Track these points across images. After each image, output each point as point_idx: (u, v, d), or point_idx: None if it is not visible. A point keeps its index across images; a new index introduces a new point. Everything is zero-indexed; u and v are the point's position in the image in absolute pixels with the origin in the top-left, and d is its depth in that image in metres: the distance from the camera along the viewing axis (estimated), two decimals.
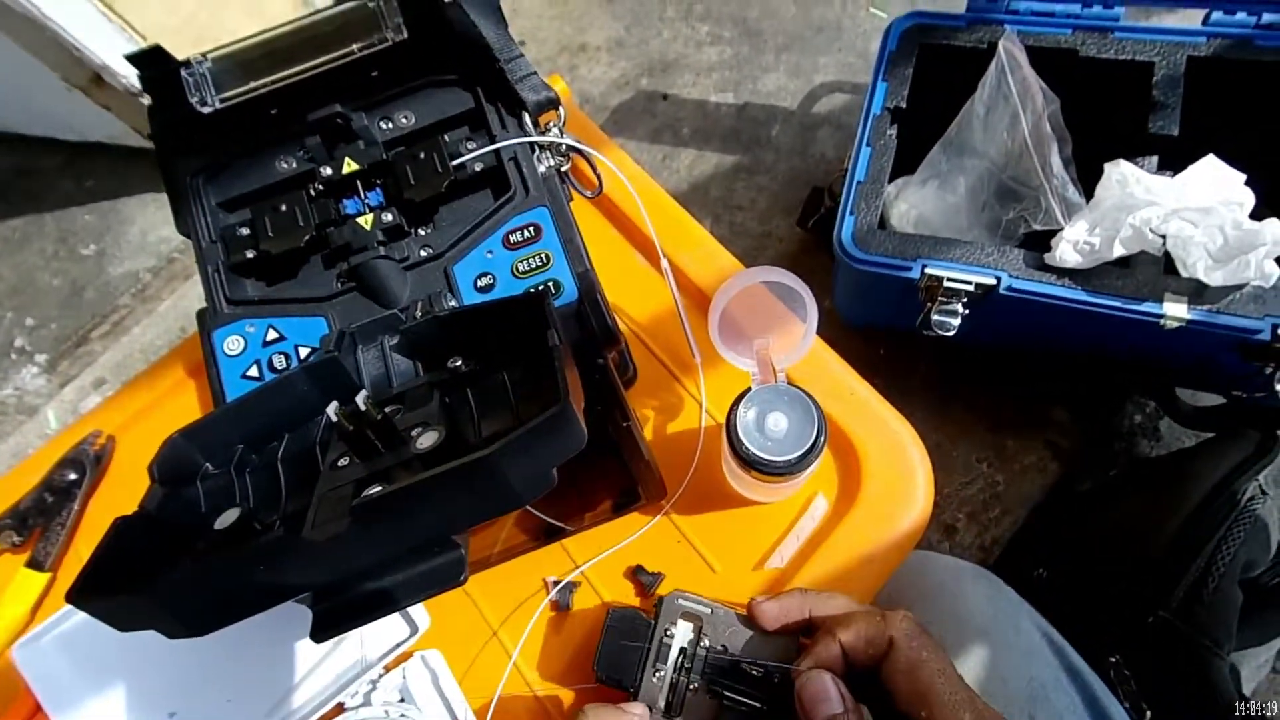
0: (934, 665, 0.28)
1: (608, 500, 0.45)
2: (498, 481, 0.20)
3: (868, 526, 0.40)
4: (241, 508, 0.22)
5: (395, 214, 0.32)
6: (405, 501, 0.19)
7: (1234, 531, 0.50)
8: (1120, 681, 0.50)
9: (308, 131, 0.32)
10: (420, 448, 0.21)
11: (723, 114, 1.01)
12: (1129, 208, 0.55)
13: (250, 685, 0.41)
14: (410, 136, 0.33)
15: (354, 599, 0.21)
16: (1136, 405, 0.81)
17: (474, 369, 0.27)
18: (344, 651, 0.41)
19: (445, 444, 0.22)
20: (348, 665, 0.41)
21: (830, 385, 0.44)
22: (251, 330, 0.31)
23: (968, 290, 0.60)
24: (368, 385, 0.28)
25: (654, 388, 0.48)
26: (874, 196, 0.65)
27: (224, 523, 0.21)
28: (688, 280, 0.48)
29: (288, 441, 0.27)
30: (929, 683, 0.27)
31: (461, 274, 0.32)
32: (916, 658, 0.28)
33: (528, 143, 0.33)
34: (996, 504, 0.77)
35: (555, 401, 0.20)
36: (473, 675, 0.42)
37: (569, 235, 0.32)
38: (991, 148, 0.65)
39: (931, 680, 0.27)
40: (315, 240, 0.32)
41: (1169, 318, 0.55)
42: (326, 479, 0.24)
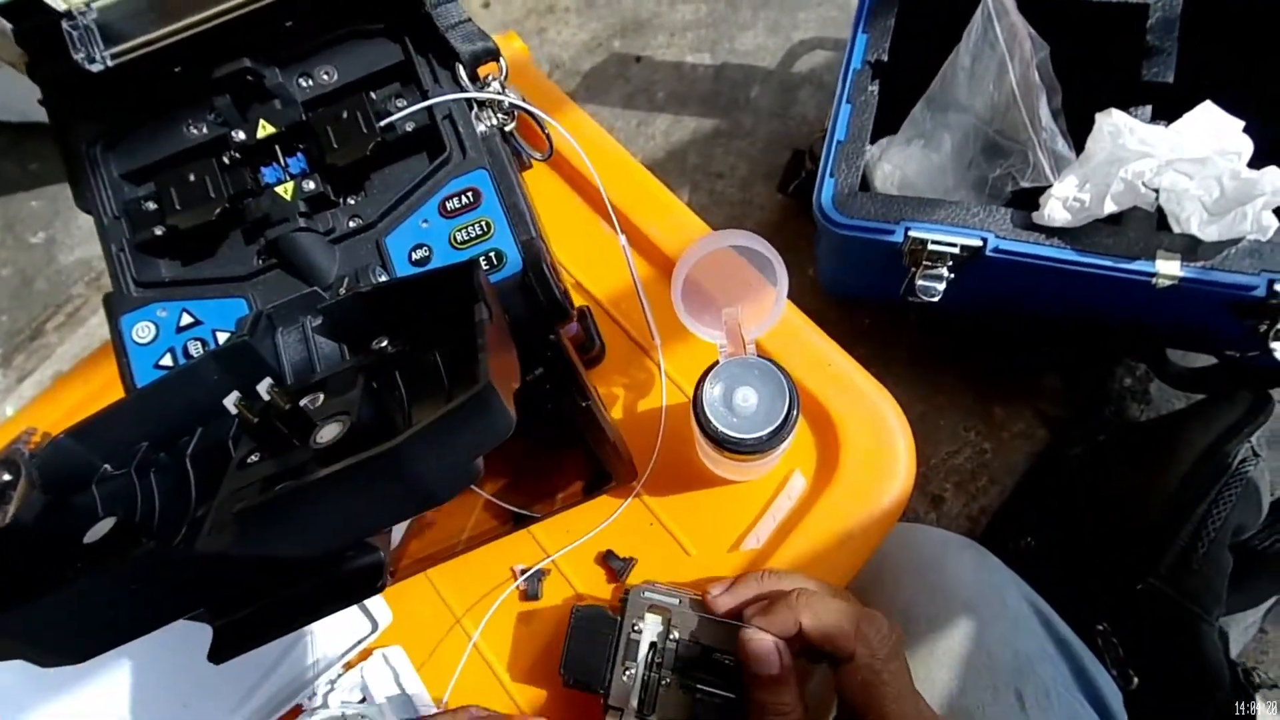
0: (891, 689, 0.27)
1: (577, 483, 0.43)
2: (407, 478, 0.17)
3: (847, 503, 0.39)
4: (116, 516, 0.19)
5: (319, 181, 0.29)
6: (299, 505, 0.17)
7: (1225, 495, 0.49)
8: (1108, 649, 0.49)
9: (216, 91, 0.29)
10: (320, 442, 0.18)
11: (699, 76, 0.96)
12: (1121, 160, 0.52)
13: (206, 690, 0.39)
14: (332, 95, 0.30)
15: (259, 612, 0.18)
16: (1126, 368, 0.79)
17: (402, 350, 0.24)
18: (302, 651, 0.39)
19: (357, 434, 0.19)
20: (306, 665, 0.39)
21: (806, 356, 0.41)
22: (163, 315, 0.28)
23: (953, 253, 0.57)
24: (288, 371, 0.26)
25: (624, 364, 0.45)
26: (855, 157, 0.61)
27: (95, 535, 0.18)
28: (655, 249, 0.46)
29: (199, 438, 0.24)
30: (880, 708, 0.27)
31: (394, 246, 0.29)
32: (874, 679, 0.27)
33: (463, 99, 0.30)
34: (984, 473, 0.76)
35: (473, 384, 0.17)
36: (439, 670, 0.40)
37: (512, 200, 0.29)
38: (977, 101, 0.62)
39: (883, 706, 0.27)
40: (229, 213, 0.29)
41: (1161, 276, 0.53)
42: (232, 478, 0.21)
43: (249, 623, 0.18)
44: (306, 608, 0.18)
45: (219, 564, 0.17)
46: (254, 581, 0.18)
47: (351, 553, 0.18)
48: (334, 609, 0.19)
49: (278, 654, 0.39)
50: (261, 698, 0.38)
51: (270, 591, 0.18)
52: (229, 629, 0.18)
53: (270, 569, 0.18)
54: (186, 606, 0.18)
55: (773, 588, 0.33)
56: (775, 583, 0.33)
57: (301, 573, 0.18)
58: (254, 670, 0.39)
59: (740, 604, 0.33)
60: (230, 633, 0.18)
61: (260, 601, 0.18)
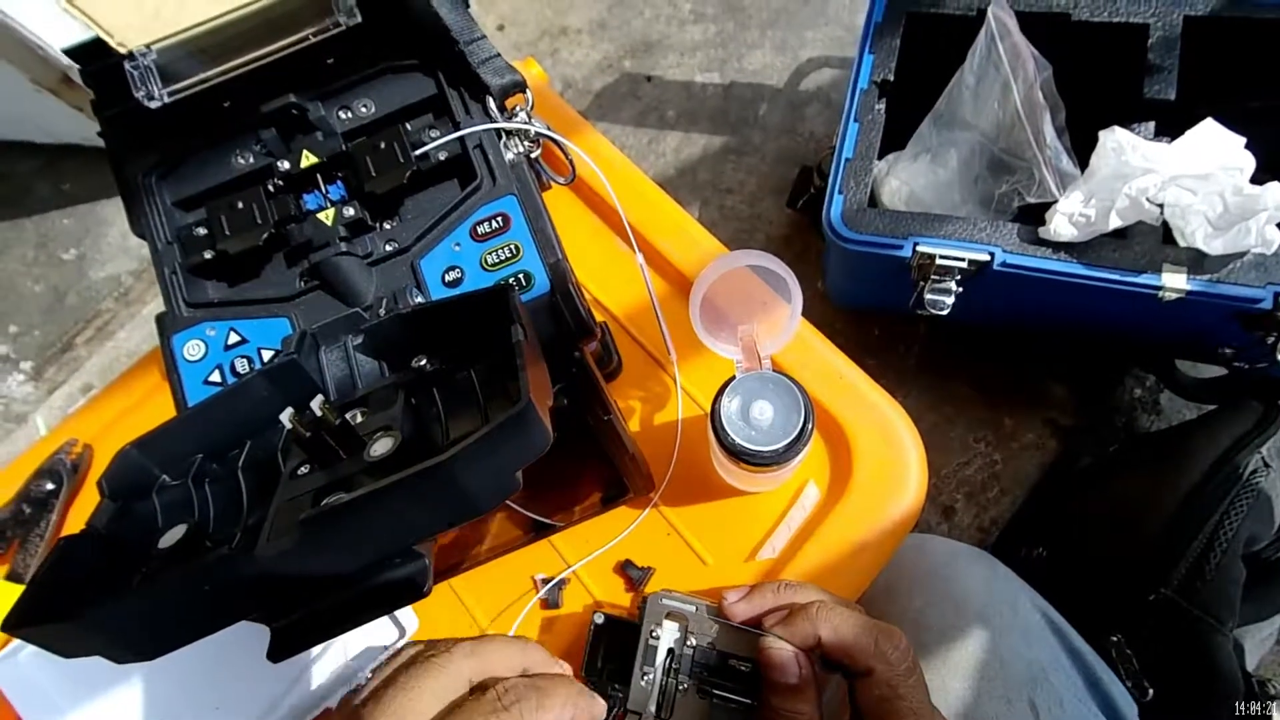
0: (909, 704, 0.27)
1: (595, 494, 0.44)
2: (454, 489, 0.18)
3: (860, 514, 0.39)
4: (188, 523, 0.21)
5: (357, 208, 0.31)
6: (356, 514, 0.18)
7: (1236, 506, 0.49)
8: (1122, 661, 0.49)
9: (262, 124, 0.31)
10: (373, 455, 0.20)
11: (708, 94, 0.98)
12: (1125, 176, 0.54)
13: (236, 693, 0.40)
14: (370, 126, 0.32)
15: (313, 615, 0.20)
16: (1136, 379, 0.80)
17: (440, 368, 0.26)
18: (331, 657, 0.41)
19: (405, 449, 0.20)
20: (335, 670, 0.40)
21: (819, 370, 0.42)
22: (212, 334, 0.30)
23: (961, 267, 0.59)
24: (331, 387, 0.27)
25: (640, 379, 0.47)
26: (863, 174, 0.63)
27: (169, 541, 0.20)
28: (670, 267, 0.47)
29: (249, 449, 0.26)
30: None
31: (428, 268, 0.31)
32: (892, 695, 0.27)
33: (493, 129, 0.32)
34: (995, 484, 0.77)
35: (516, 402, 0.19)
36: None
37: (539, 225, 0.31)
38: (982, 119, 0.64)
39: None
40: (275, 238, 0.30)
41: (1167, 289, 0.54)
42: (285, 488, 0.23)
43: (304, 624, 0.19)
44: (357, 610, 0.20)
45: (281, 568, 0.19)
46: (311, 585, 0.19)
47: (399, 559, 0.20)
48: (383, 612, 0.20)
49: (306, 660, 0.40)
50: (290, 703, 0.40)
51: (324, 595, 0.19)
52: (286, 630, 0.19)
53: (327, 573, 0.19)
54: (250, 608, 0.19)
55: (789, 599, 0.34)
56: (791, 594, 0.34)
57: (353, 577, 0.20)
58: (284, 675, 0.40)
59: (756, 613, 0.34)
60: (287, 634, 0.19)
61: (315, 604, 0.19)
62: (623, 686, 0.34)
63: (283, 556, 0.18)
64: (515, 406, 0.19)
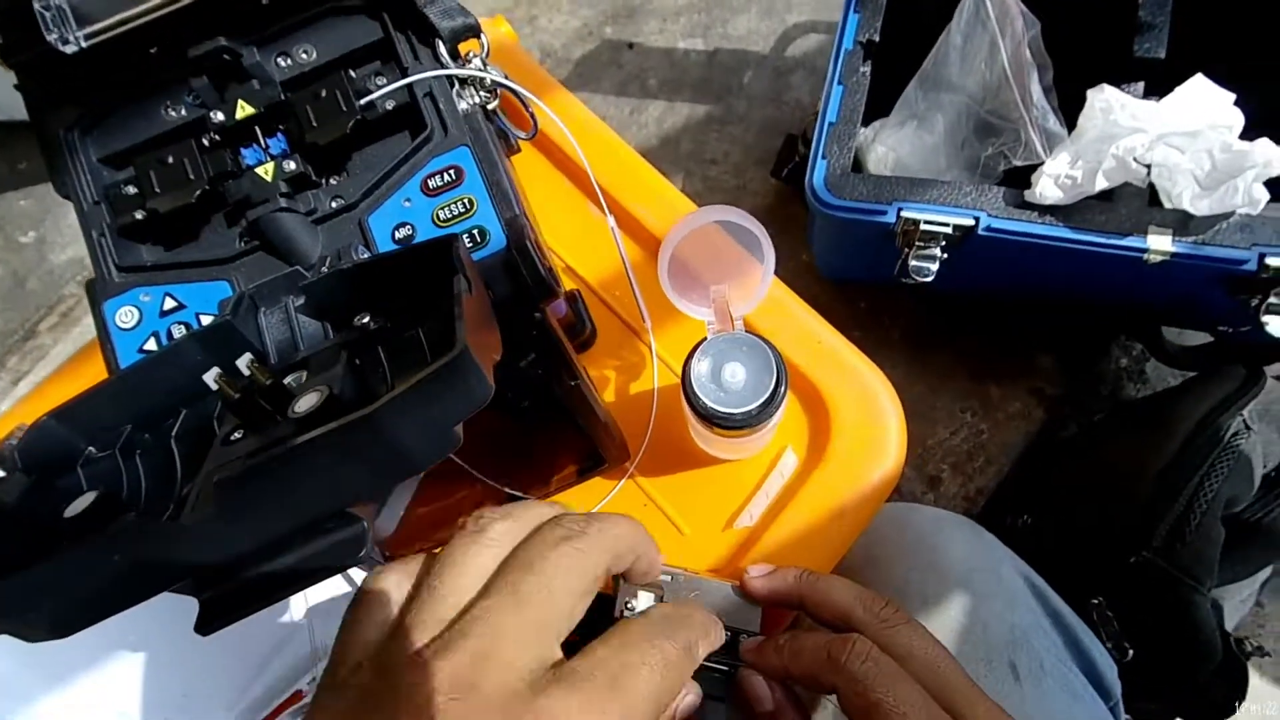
0: (887, 704, 0.25)
1: (571, 466, 0.43)
2: (385, 443, 0.17)
3: (838, 480, 0.39)
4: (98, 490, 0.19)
5: (299, 162, 0.29)
6: (277, 474, 0.17)
7: (1217, 468, 0.49)
8: (1103, 623, 0.49)
9: (193, 72, 0.29)
10: (298, 412, 0.18)
11: (692, 62, 0.96)
12: (1113, 137, 0.52)
13: (206, 678, 0.39)
14: (311, 74, 0.30)
15: (244, 584, 0.18)
16: (1122, 348, 0.79)
17: (384, 326, 0.24)
18: (302, 639, 0.40)
19: (334, 403, 0.19)
20: (306, 653, 0.39)
21: (796, 333, 0.41)
22: (146, 300, 0.28)
23: (946, 233, 0.57)
24: (272, 350, 0.26)
25: (615, 347, 0.45)
26: (847, 138, 0.61)
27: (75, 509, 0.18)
28: (644, 230, 0.45)
29: (184, 418, 0.24)
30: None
31: (377, 225, 0.29)
32: (865, 704, 0.25)
33: (444, 75, 0.30)
34: (981, 453, 0.76)
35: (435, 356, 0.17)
36: None
37: (495, 177, 0.29)
38: (969, 80, 0.62)
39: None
40: (210, 195, 0.28)
41: (1153, 252, 0.53)
42: (216, 455, 0.21)
43: (234, 594, 0.18)
44: (291, 578, 0.18)
45: (201, 535, 0.17)
46: (238, 552, 0.18)
47: (334, 523, 0.18)
48: (318, 579, 0.19)
49: (276, 641, 0.39)
50: (262, 685, 0.39)
51: (254, 563, 0.18)
52: (215, 601, 0.18)
53: (252, 539, 0.18)
54: (170, 579, 0.18)
55: (808, 590, 0.32)
56: (811, 585, 0.32)
57: (285, 543, 0.18)
58: (254, 657, 0.39)
59: (773, 593, 0.33)
60: (216, 605, 0.18)
61: (245, 573, 0.18)
62: None
63: (202, 524, 0.17)
64: (449, 353, 0.17)
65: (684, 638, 0.23)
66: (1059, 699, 0.40)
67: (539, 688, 0.19)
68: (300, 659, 0.37)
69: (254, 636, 0.38)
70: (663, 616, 0.24)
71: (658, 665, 0.21)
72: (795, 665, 0.29)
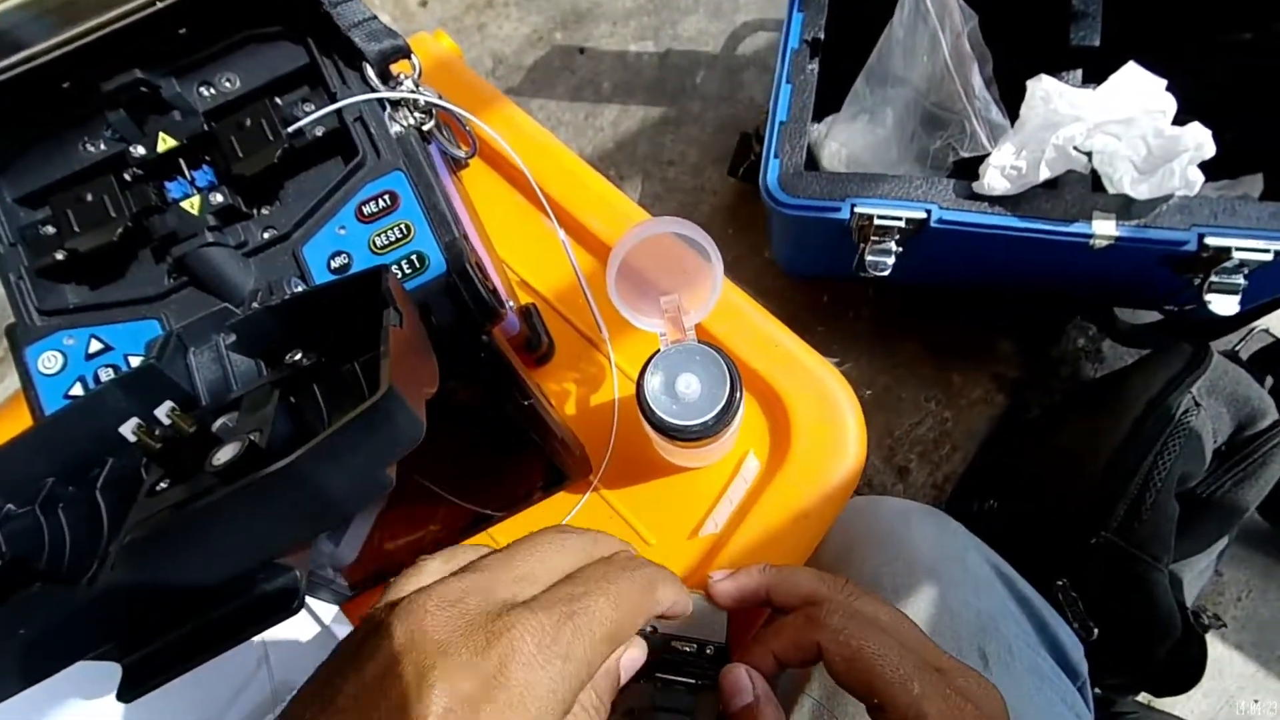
0: (869, 648, 0.26)
1: (535, 481, 0.43)
2: (309, 492, 0.17)
3: (800, 482, 0.39)
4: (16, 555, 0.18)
5: (227, 193, 0.28)
6: (193, 530, 0.16)
7: (1169, 446, 0.50)
8: (1068, 603, 0.50)
9: (109, 105, 0.28)
10: (217, 464, 0.18)
11: (644, 64, 0.96)
12: (1054, 125, 0.53)
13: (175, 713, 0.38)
14: (235, 102, 0.29)
15: (169, 646, 0.18)
16: (1079, 329, 0.81)
17: (319, 362, 0.24)
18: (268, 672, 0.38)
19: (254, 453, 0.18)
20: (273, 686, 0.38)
21: (752, 338, 0.41)
22: (70, 343, 0.27)
23: (899, 226, 0.58)
24: (203, 392, 0.25)
25: (574, 360, 0.45)
26: (798, 136, 0.61)
27: None
28: (596, 240, 0.45)
29: (110, 467, 0.23)
30: (869, 670, 0.26)
31: (312, 255, 0.28)
32: (848, 651, 0.26)
33: (373, 99, 0.29)
34: (947, 441, 0.78)
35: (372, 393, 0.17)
36: None
37: (432, 201, 0.29)
38: (914, 73, 0.63)
39: (871, 667, 0.26)
40: (133, 232, 0.27)
41: (1098, 236, 0.54)
42: (141, 507, 0.20)
43: (160, 656, 0.17)
44: (221, 634, 0.18)
45: (118, 599, 0.17)
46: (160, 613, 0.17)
47: (264, 574, 0.18)
48: (251, 633, 0.18)
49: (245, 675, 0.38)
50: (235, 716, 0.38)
51: (180, 621, 0.17)
52: (139, 665, 0.17)
53: (174, 599, 0.17)
54: (89, 646, 0.17)
55: (774, 581, 0.32)
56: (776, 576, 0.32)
57: (212, 599, 0.18)
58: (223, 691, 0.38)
59: (742, 593, 0.33)
60: (140, 669, 0.17)
61: (170, 632, 0.17)
62: None
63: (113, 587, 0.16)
64: (373, 396, 0.17)
65: (643, 578, 0.25)
66: (1028, 683, 0.41)
67: (507, 609, 0.21)
68: (260, 702, 0.36)
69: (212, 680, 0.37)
70: (627, 558, 0.26)
71: (612, 596, 0.23)
72: (777, 640, 0.29)
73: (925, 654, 0.27)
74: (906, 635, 0.28)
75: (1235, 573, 0.71)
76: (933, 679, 0.26)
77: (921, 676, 0.26)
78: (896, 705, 0.25)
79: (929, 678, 0.26)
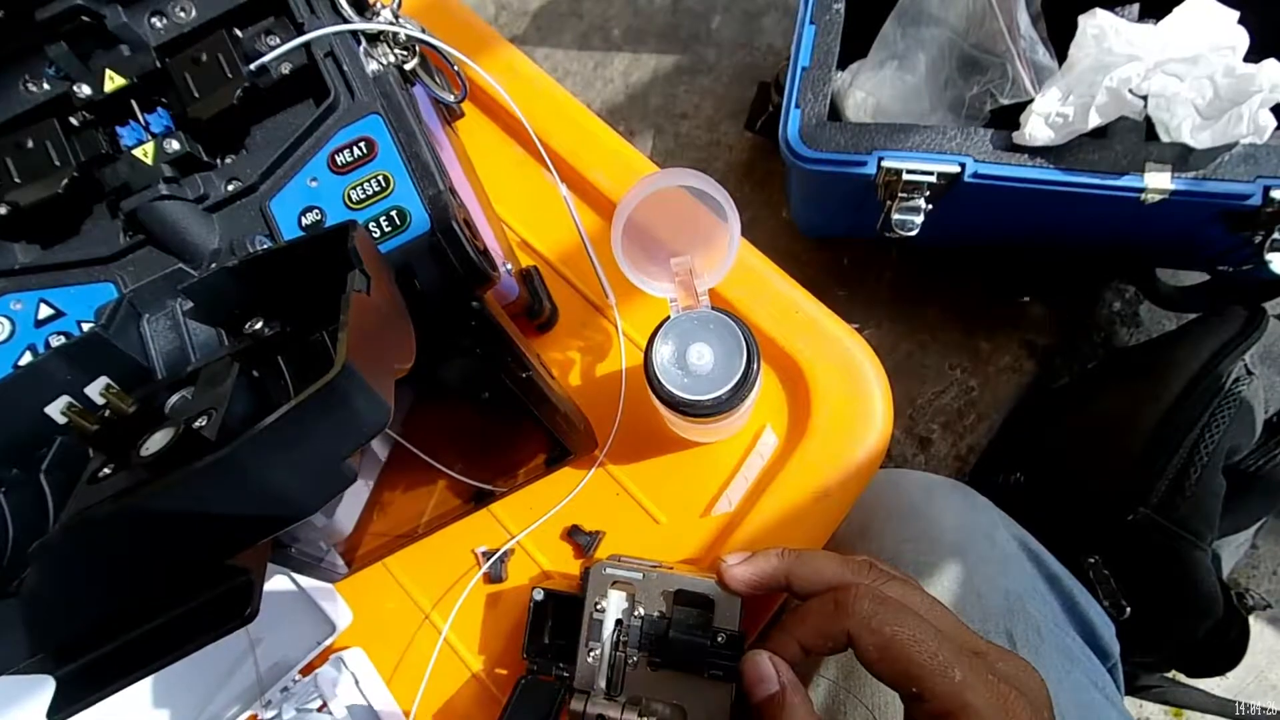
0: (904, 635, 0.24)
1: (539, 456, 0.40)
2: (255, 488, 0.14)
3: (822, 458, 0.36)
4: None
5: (184, 140, 0.25)
6: (115, 532, 0.14)
7: (1218, 417, 0.47)
8: (1100, 581, 0.48)
9: (48, 38, 0.24)
10: (145, 454, 0.15)
11: (656, 9, 0.89)
12: (1107, 67, 0.48)
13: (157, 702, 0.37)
14: (191, 35, 0.26)
15: (108, 657, 0.15)
16: (1115, 292, 0.77)
17: (283, 331, 0.21)
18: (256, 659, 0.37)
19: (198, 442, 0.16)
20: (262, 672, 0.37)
21: (771, 304, 0.38)
22: (18, 307, 0.25)
23: (930, 181, 0.54)
24: (159, 364, 0.22)
25: (578, 327, 0.42)
26: (821, 84, 0.57)
27: None
28: (603, 198, 0.42)
29: (58, 447, 0.21)
30: (905, 658, 0.24)
31: (280, 210, 0.25)
32: (880, 639, 0.24)
33: (345, 30, 0.26)
34: (972, 410, 0.74)
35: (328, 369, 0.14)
36: (406, 664, 0.38)
37: (414, 149, 0.25)
38: (951, 12, 0.57)
39: (906, 654, 0.24)
40: (81, 183, 0.25)
41: (1150, 190, 0.49)
42: (80, 496, 0.18)
43: (96, 669, 0.15)
44: (165, 645, 0.16)
45: (46, 604, 0.14)
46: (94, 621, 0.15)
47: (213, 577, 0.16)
48: (197, 645, 0.16)
49: (230, 662, 0.37)
50: (215, 708, 0.36)
51: (118, 630, 0.15)
52: (73, 678, 0.15)
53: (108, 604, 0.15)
54: (15, 657, 0.15)
55: (795, 567, 0.30)
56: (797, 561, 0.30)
57: (153, 605, 0.15)
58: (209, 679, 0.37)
59: (759, 578, 0.30)
60: (74, 683, 0.15)
61: (109, 642, 0.15)
62: (569, 665, 0.31)
63: (40, 590, 0.14)
64: (326, 375, 0.14)
65: None
66: (1056, 664, 0.39)
67: None
68: (255, 681, 0.35)
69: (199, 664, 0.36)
70: None
71: None
72: (802, 628, 0.27)
73: (962, 638, 0.26)
74: (941, 619, 0.26)
75: (1271, 546, 0.68)
76: (974, 664, 0.24)
77: (962, 662, 0.24)
78: (937, 694, 0.23)
79: (970, 663, 0.24)
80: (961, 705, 0.23)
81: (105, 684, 0.15)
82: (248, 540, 0.15)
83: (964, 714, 0.23)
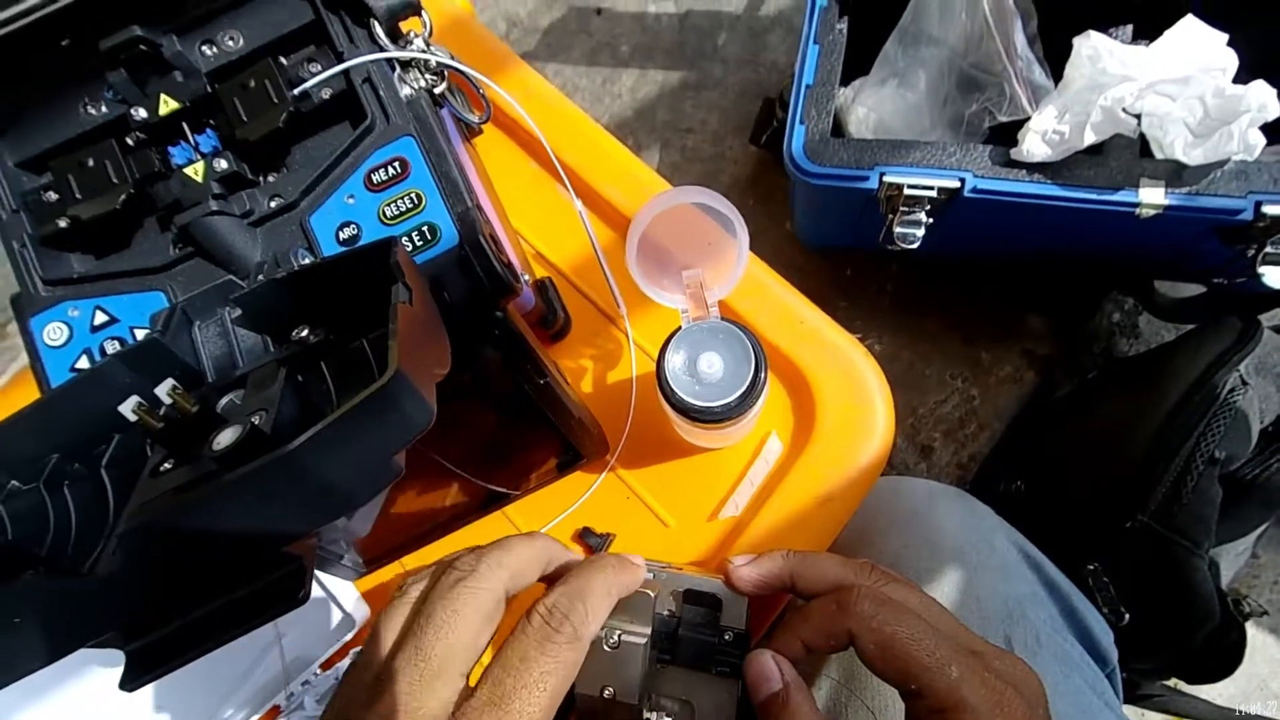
0: (903, 634, 0.25)
1: (551, 460, 0.42)
2: (313, 482, 0.16)
3: (825, 464, 0.37)
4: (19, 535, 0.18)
5: (232, 159, 0.27)
6: (191, 520, 0.15)
7: (1213, 426, 0.48)
8: (1098, 588, 0.49)
9: (109, 65, 0.26)
10: (217, 449, 0.17)
11: (663, 26, 0.92)
12: (1101, 86, 0.50)
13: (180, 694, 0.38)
14: (239, 62, 0.27)
15: (172, 635, 0.17)
16: (1114, 303, 0.78)
17: (326, 338, 0.23)
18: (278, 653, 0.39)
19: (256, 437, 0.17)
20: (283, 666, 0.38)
21: (777, 315, 0.39)
22: (75, 314, 0.26)
23: (930, 196, 0.55)
24: (209, 368, 0.24)
25: (591, 335, 0.44)
26: (825, 101, 0.59)
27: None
28: (616, 212, 0.43)
29: (116, 443, 0.22)
30: (904, 656, 0.25)
31: (320, 225, 0.27)
32: (881, 638, 0.25)
33: (382, 59, 0.28)
34: (973, 420, 0.75)
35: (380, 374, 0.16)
36: None
37: (443, 169, 0.27)
38: (950, 33, 0.59)
39: (906, 652, 0.25)
40: (136, 199, 0.26)
41: (1145, 205, 0.51)
42: (144, 488, 0.20)
43: (162, 645, 0.17)
44: (224, 624, 0.17)
45: (119, 585, 0.16)
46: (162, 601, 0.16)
47: (269, 564, 0.17)
48: (253, 626, 0.17)
49: (253, 656, 0.38)
50: (238, 700, 0.38)
51: (184, 610, 0.17)
52: (142, 652, 0.17)
53: (176, 586, 0.16)
54: (90, 634, 0.16)
55: (800, 568, 0.31)
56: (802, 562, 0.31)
57: (214, 588, 0.17)
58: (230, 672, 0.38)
59: (764, 579, 0.32)
60: (143, 657, 0.17)
61: (173, 622, 0.17)
62: None
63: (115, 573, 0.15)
64: (379, 380, 0.16)
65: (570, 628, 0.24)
66: (1055, 670, 0.40)
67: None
68: (277, 674, 0.36)
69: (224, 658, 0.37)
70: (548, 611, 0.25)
71: (547, 674, 0.23)
72: (805, 627, 0.28)
73: (960, 638, 0.27)
74: (939, 619, 0.27)
75: (1272, 555, 0.69)
76: (970, 663, 0.25)
77: (959, 660, 0.25)
78: (935, 691, 0.24)
79: (967, 661, 0.25)
80: (958, 701, 0.24)
81: (171, 659, 0.17)
82: (303, 529, 0.17)
83: (960, 710, 0.24)
